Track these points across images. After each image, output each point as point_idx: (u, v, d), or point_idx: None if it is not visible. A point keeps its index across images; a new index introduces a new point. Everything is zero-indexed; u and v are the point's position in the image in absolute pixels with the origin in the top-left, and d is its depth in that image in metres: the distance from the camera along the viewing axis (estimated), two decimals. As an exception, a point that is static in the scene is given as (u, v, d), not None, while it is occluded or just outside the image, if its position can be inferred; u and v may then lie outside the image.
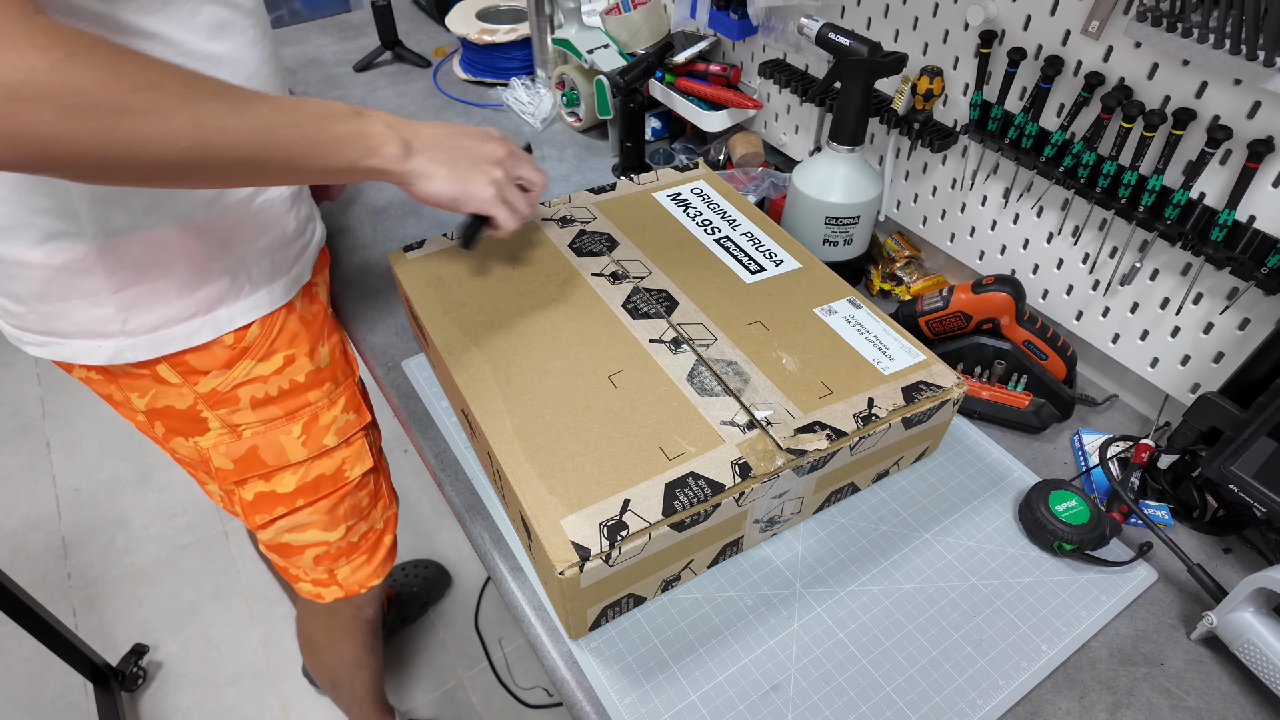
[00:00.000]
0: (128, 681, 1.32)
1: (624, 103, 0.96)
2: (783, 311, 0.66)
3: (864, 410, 0.57)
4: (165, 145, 0.42)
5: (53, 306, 0.57)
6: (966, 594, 0.59)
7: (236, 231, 0.61)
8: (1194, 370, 0.68)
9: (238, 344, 0.64)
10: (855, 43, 0.71)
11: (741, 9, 0.94)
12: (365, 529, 0.81)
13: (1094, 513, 0.60)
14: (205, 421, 0.67)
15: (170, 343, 0.61)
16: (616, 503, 0.51)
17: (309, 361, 0.70)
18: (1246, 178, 0.58)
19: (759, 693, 0.53)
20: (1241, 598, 0.53)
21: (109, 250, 0.55)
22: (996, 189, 0.78)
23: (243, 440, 0.69)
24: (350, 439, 0.75)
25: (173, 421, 0.67)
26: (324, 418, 0.72)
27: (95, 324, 0.58)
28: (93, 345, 0.59)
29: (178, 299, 0.60)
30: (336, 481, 0.75)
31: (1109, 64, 0.64)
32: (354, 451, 0.76)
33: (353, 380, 0.77)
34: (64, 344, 0.60)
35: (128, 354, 0.60)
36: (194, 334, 0.61)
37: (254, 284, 0.64)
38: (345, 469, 0.75)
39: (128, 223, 0.55)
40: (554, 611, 0.57)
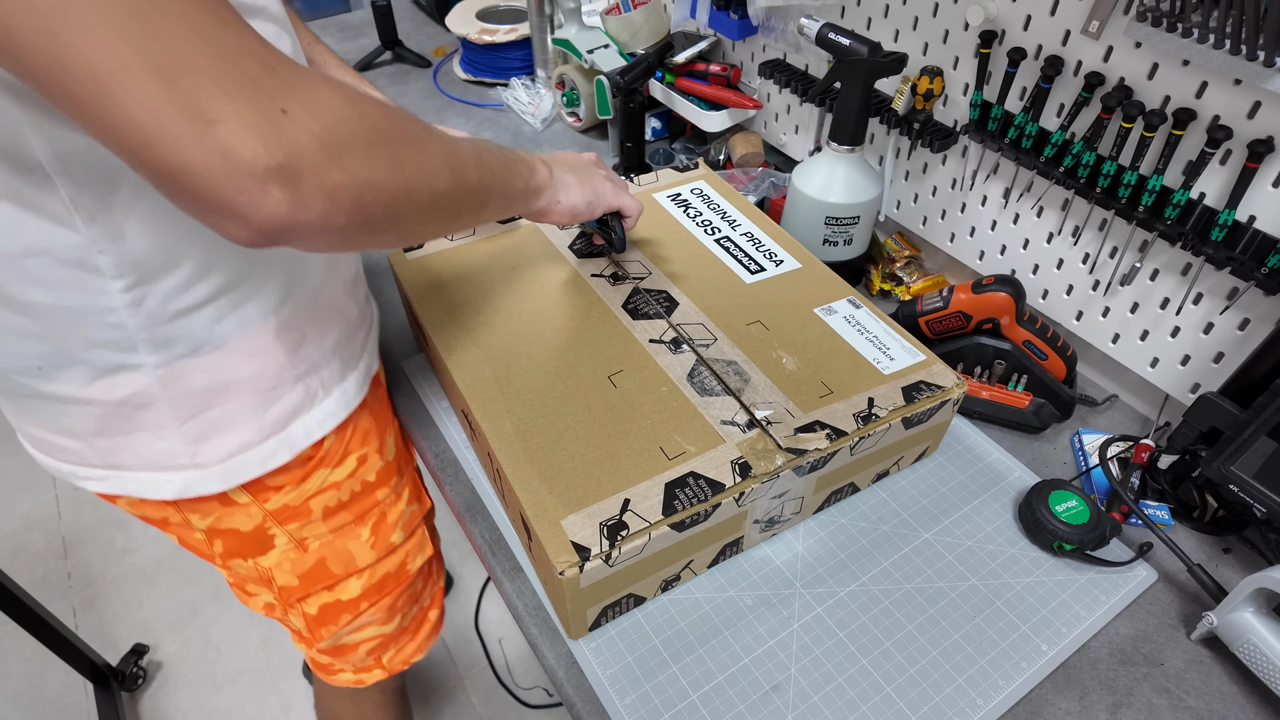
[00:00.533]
0: (128, 681, 1.32)
1: (624, 103, 0.96)
2: (783, 311, 0.66)
3: (864, 410, 0.57)
4: (434, 178, 0.41)
5: (113, 441, 0.52)
6: (966, 594, 0.59)
7: (306, 333, 0.55)
8: (1194, 370, 0.68)
9: (314, 454, 0.59)
10: (855, 43, 0.71)
11: (741, 9, 0.94)
12: (416, 611, 0.77)
13: (1094, 513, 0.60)
14: (272, 539, 0.62)
15: (245, 470, 0.56)
16: (617, 502, 0.51)
17: (379, 458, 0.65)
18: (1246, 178, 0.58)
19: (759, 693, 0.53)
20: (1241, 598, 0.53)
21: (172, 379, 0.50)
22: (996, 189, 0.78)
23: (310, 553, 0.64)
24: (413, 530, 0.71)
25: (235, 542, 0.61)
26: (391, 515, 0.68)
27: (162, 457, 0.53)
28: (161, 479, 0.54)
29: (250, 422, 0.54)
30: (400, 578, 0.71)
31: (1109, 64, 0.64)
32: (416, 542, 0.72)
33: (413, 466, 0.74)
34: (128, 477, 0.54)
35: (199, 486, 0.55)
36: (270, 457, 0.56)
37: (326, 388, 0.58)
38: (408, 563, 0.71)
39: (190, 346, 0.49)
40: (554, 611, 0.57)
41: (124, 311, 0.46)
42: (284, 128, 0.32)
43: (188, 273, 0.46)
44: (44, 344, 0.46)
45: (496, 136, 1.13)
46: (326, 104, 0.34)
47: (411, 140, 0.40)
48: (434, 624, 0.81)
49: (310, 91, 0.34)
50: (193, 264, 0.46)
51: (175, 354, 0.49)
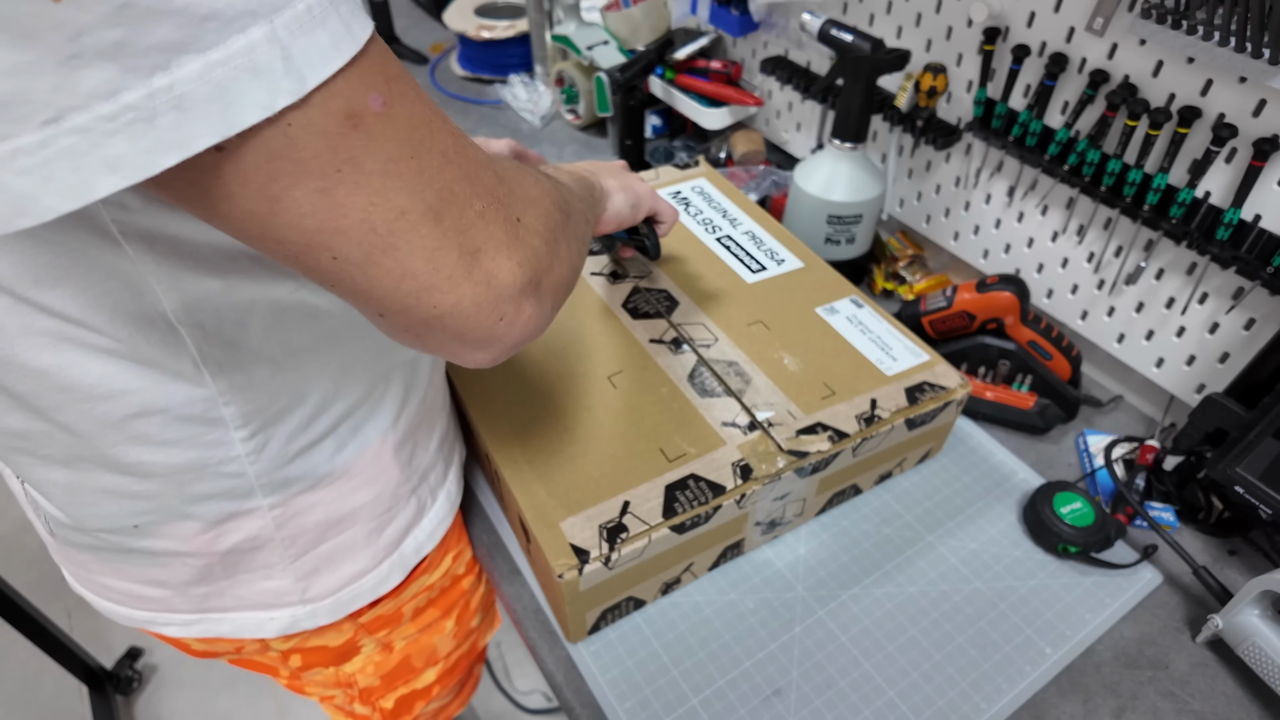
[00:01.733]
0: (123, 685, 1.31)
1: (624, 100, 0.95)
2: (784, 311, 0.65)
3: (867, 411, 0.57)
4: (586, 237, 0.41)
5: (213, 586, 0.46)
6: (970, 597, 0.58)
7: (417, 440, 0.51)
8: (1199, 370, 0.68)
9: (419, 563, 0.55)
10: (858, 39, 0.71)
11: (742, 5, 0.93)
12: (470, 676, 0.74)
13: (1099, 515, 0.60)
14: (359, 648, 0.57)
15: (358, 599, 0.51)
16: (616, 505, 0.50)
17: (468, 548, 0.62)
18: (1252, 176, 0.57)
19: (760, 697, 0.52)
20: (1247, 600, 0.52)
21: (288, 518, 0.45)
22: (1000, 187, 0.77)
23: (394, 653, 0.59)
24: (488, 607, 0.68)
25: (318, 657, 0.56)
26: (473, 601, 0.64)
27: (266, 597, 0.48)
28: (263, 617, 0.49)
29: (365, 548, 0.49)
30: (470, 655, 0.68)
31: (1113, 61, 0.63)
32: (488, 619, 0.69)
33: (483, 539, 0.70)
34: (224, 619, 0.48)
35: (306, 622, 0.50)
36: (384, 582, 0.52)
37: (434, 493, 0.54)
38: (479, 641, 0.69)
39: (310, 482, 0.44)
40: (552, 615, 0.56)
41: (244, 460, 0.41)
42: (524, 239, 0.30)
43: (312, 406, 0.42)
44: (145, 502, 0.40)
45: (495, 134, 1.12)
46: (538, 200, 0.32)
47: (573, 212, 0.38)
48: (478, 677, 0.78)
49: (524, 189, 0.32)
50: (319, 395, 0.41)
51: (294, 492, 0.44)
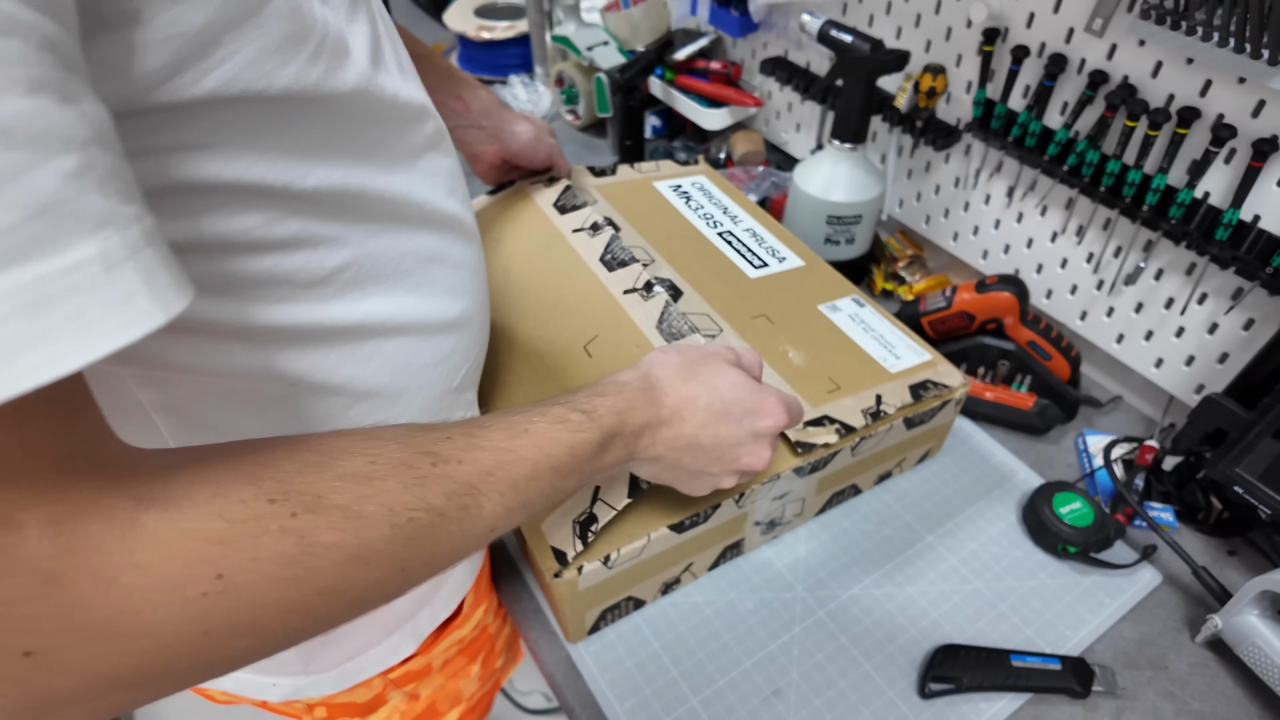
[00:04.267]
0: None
1: (623, 100, 0.95)
2: (787, 306, 0.65)
3: (872, 406, 0.57)
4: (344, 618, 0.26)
5: None
6: (970, 597, 0.58)
7: None
8: (1199, 371, 0.68)
9: (451, 619, 0.54)
10: (857, 40, 0.71)
11: (742, 6, 0.93)
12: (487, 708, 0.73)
13: (1098, 515, 0.60)
14: (385, 700, 0.55)
15: (364, 671, 0.49)
16: (587, 493, 0.49)
17: (495, 596, 0.61)
18: (1251, 177, 0.57)
19: (760, 697, 0.52)
20: (1246, 600, 0.52)
21: None
22: (1000, 188, 0.77)
23: (420, 701, 0.58)
24: (512, 644, 0.66)
25: (344, 711, 0.54)
26: (499, 643, 0.63)
27: (268, 663, 0.45)
28: (265, 682, 0.47)
29: (374, 623, 0.47)
30: (492, 693, 0.67)
31: (1113, 62, 0.63)
32: (512, 655, 0.67)
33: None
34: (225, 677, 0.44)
35: (309, 691, 0.47)
36: (392, 653, 0.49)
37: None
38: (501, 678, 0.67)
39: None
40: (552, 615, 0.56)
41: None
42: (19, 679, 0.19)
43: None
44: None
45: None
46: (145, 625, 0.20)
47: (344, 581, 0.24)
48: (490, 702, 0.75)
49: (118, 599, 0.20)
50: None
51: None
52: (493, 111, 0.64)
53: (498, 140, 0.65)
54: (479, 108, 0.63)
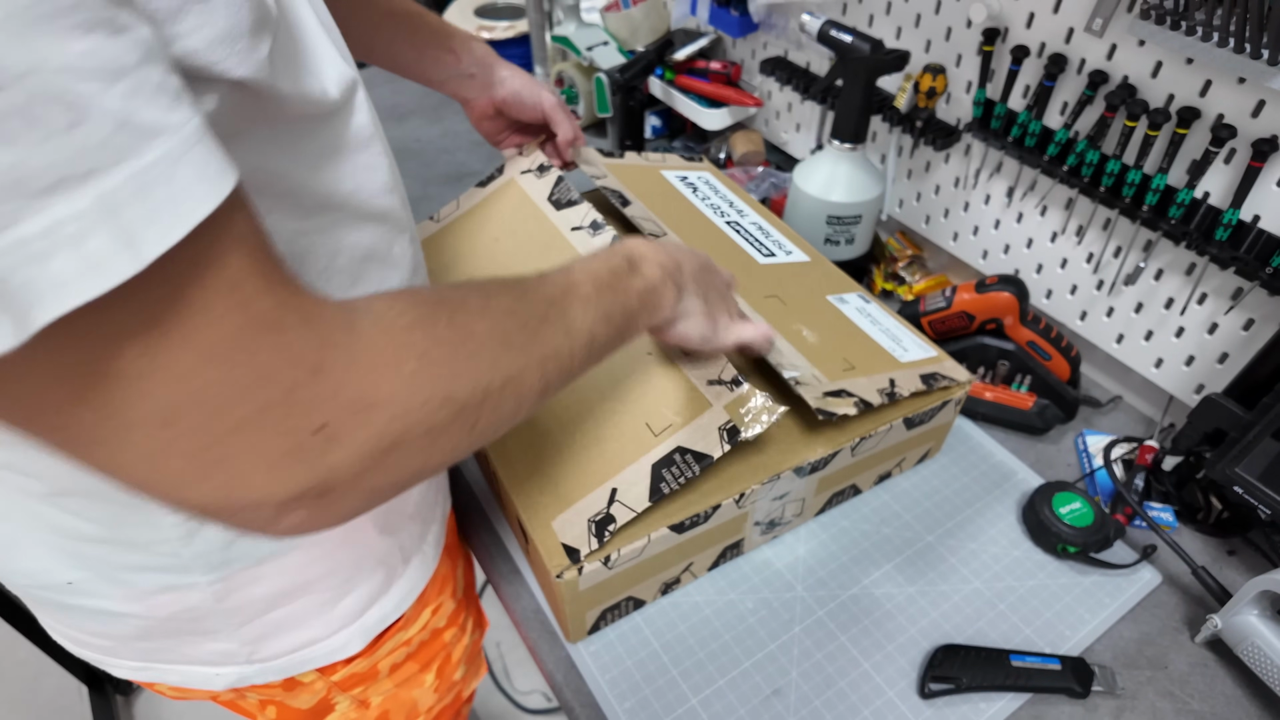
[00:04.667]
0: (122, 685, 1.31)
1: (623, 100, 0.96)
2: (798, 292, 0.65)
3: (887, 388, 0.56)
4: (517, 415, 0.32)
5: (155, 643, 0.45)
6: (970, 597, 0.58)
7: (391, 510, 0.48)
8: (1198, 371, 0.68)
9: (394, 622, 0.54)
10: (857, 40, 0.71)
11: (742, 6, 0.93)
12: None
13: (1098, 515, 0.60)
14: (333, 706, 0.56)
15: (309, 663, 0.49)
16: (604, 494, 0.49)
17: (451, 600, 0.60)
18: (1251, 177, 0.57)
19: (760, 697, 0.52)
20: (1246, 600, 0.52)
21: (230, 592, 0.43)
22: (999, 188, 0.77)
23: (371, 709, 0.58)
24: (473, 658, 0.66)
25: (292, 714, 0.55)
26: (456, 653, 0.62)
27: (213, 656, 0.47)
28: (210, 672, 0.47)
29: (319, 617, 0.47)
30: (454, 707, 0.67)
31: (1112, 62, 0.63)
32: (474, 669, 0.67)
33: (473, 586, 0.67)
34: (171, 670, 0.47)
35: (255, 679, 0.48)
36: (339, 650, 0.49)
37: (406, 559, 0.51)
38: (463, 690, 0.67)
39: (254, 559, 0.42)
40: (552, 615, 0.56)
41: (176, 543, 0.39)
42: (314, 452, 0.25)
43: None
44: (78, 569, 0.40)
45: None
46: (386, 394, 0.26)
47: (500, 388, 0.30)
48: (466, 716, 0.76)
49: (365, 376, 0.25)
50: None
51: (236, 569, 0.42)
52: (485, 61, 0.63)
53: (488, 90, 0.65)
54: (470, 59, 0.63)
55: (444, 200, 1.00)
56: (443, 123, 1.15)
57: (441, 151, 1.08)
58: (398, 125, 1.14)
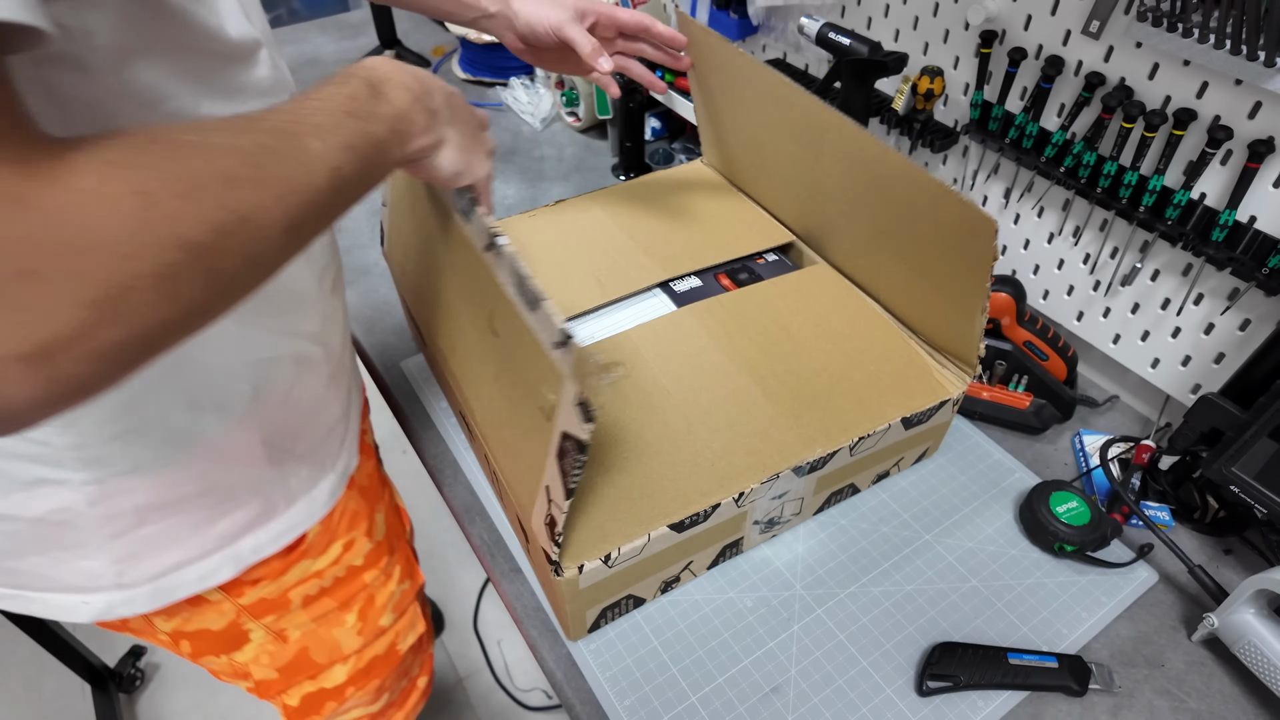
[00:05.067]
0: (125, 683, 1.32)
1: (624, 102, 0.96)
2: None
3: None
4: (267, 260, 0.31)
5: (21, 562, 0.45)
6: (967, 595, 0.58)
7: (273, 440, 0.48)
8: (1195, 371, 0.68)
9: (295, 548, 0.54)
10: (855, 42, 0.71)
11: (741, 8, 0.94)
12: (404, 684, 0.73)
13: (1095, 514, 0.60)
14: (247, 634, 0.56)
15: (179, 589, 0.49)
16: (544, 494, 0.48)
17: (368, 540, 0.60)
18: (1247, 178, 0.58)
19: (759, 694, 0.53)
20: (1242, 599, 0.53)
21: (103, 497, 0.42)
22: (997, 189, 0.78)
23: (290, 644, 0.58)
24: (404, 610, 0.67)
25: (205, 642, 0.55)
26: (380, 597, 0.63)
27: (79, 578, 0.46)
28: (76, 601, 0.47)
29: (191, 538, 0.47)
30: (389, 660, 0.67)
31: (1109, 64, 0.63)
32: (407, 621, 0.67)
33: (405, 539, 0.68)
34: (36, 599, 0.47)
35: (122, 609, 0.47)
36: (210, 575, 0.49)
37: (290, 499, 0.51)
38: (398, 644, 0.67)
39: (129, 465, 0.42)
40: (553, 613, 0.57)
41: (50, 430, 0.39)
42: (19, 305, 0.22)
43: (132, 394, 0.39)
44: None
45: (495, 136, 1.13)
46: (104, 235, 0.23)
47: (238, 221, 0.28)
48: (422, 690, 0.77)
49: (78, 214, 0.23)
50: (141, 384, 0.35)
51: (110, 473, 0.42)
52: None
53: (511, 26, 0.64)
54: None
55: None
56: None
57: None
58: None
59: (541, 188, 1.02)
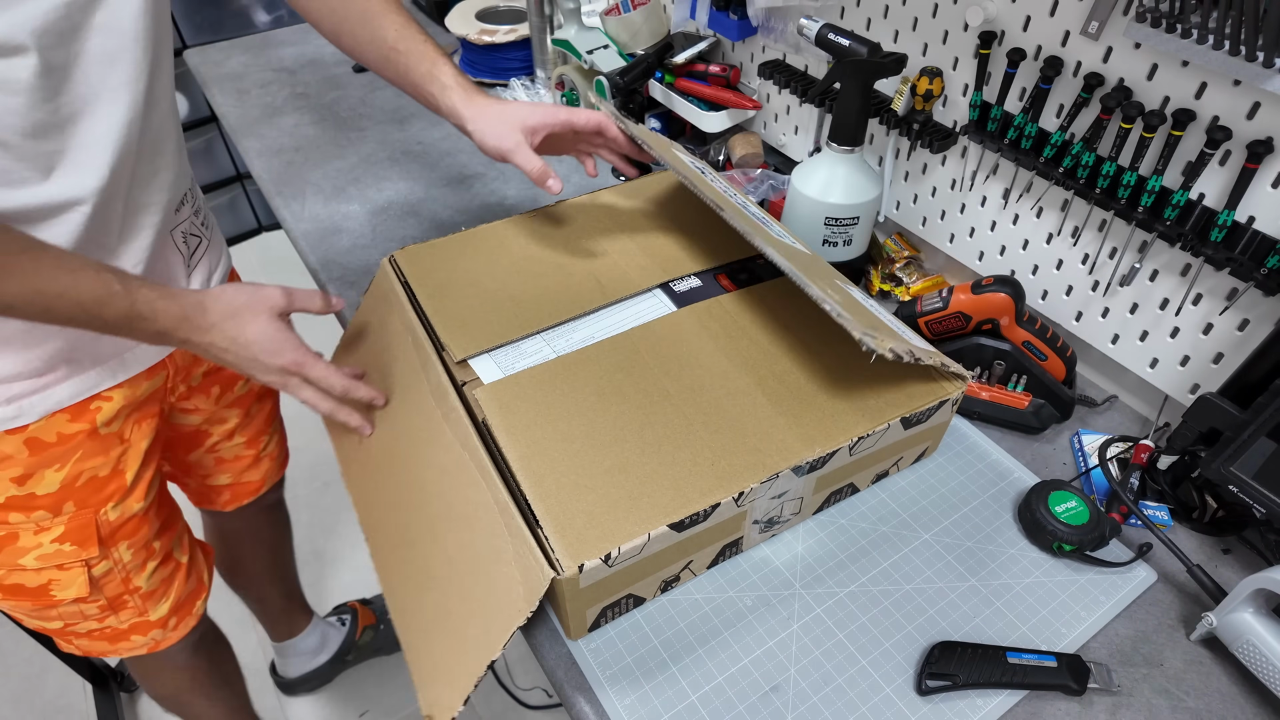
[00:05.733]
0: (127, 682, 1.32)
1: (624, 103, 0.96)
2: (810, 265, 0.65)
3: (911, 350, 0.57)
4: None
5: None
6: (966, 594, 0.58)
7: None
8: (1193, 371, 0.68)
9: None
10: (855, 43, 0.71)
11: (741, 9, 0.94)
12: (98, 627, 0.76)
13: (1093, 513, 0.60)
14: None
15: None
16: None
17: (14, 486, 0.64)
18: (1246, 178, 0.58)
19: (759, 693, 0.53)
20: (1241, 598, 0.53)
21: None
22: (996, 190, 0.78)
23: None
24: (64, 566, 0.70)
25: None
26: (25, 540, 0.67)
27: None
28: None
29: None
30: (40, 595, 0.70)
31: (1108, 65, 0.64)
32: (67, 577, 0.70)
33: (93, 512, 0.69)
34: None
35: None
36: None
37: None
38: (52, 589, 0.70)
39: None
40: (553, 612, 0.57)
41: None
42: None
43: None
44: None
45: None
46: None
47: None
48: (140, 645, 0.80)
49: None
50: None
51: None
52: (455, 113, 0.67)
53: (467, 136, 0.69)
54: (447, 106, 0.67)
55: (447, 203, 1.00)
56: (444, 125, 1.15)
57: (444, 154, 1.09)
58: (400, 128, 1.15)
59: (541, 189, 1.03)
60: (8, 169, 0.53)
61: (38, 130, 0.53)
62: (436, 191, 1.01)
